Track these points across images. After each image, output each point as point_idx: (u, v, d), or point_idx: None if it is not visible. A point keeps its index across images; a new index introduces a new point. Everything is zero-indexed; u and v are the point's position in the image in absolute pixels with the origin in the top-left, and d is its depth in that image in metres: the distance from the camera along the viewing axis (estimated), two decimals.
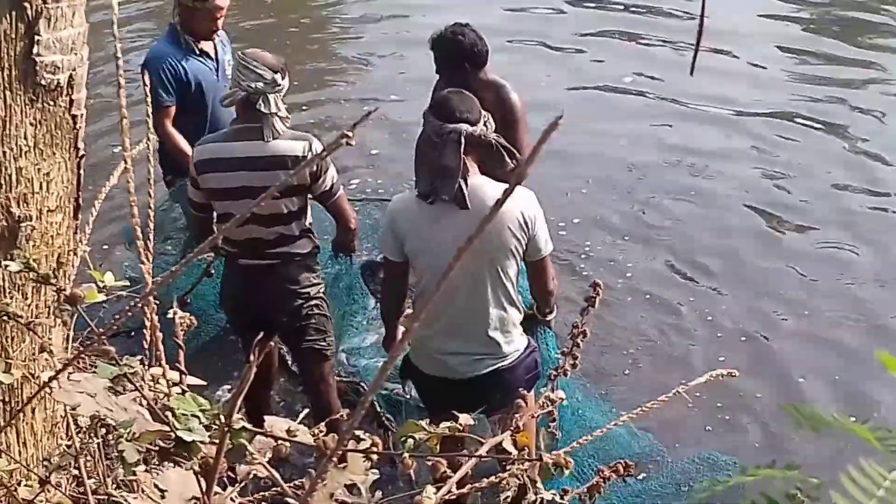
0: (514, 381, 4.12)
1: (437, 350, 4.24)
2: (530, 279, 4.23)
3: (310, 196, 4.56)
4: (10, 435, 2.29)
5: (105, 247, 6.69)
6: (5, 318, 2.14)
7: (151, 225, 2.31)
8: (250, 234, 4.47)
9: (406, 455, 1.52)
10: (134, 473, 1.64)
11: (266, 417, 1.58)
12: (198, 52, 5.67)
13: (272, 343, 4.56)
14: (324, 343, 4.80)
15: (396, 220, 4.19)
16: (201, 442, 1.52)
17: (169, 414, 1.52)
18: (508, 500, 1.93)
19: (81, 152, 2.39)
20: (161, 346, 1.93)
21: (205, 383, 1.83)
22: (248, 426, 1.46)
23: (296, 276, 4.63)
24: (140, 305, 1.79)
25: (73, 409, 1.58)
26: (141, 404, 1.66)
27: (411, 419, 1.61)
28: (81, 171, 2.41)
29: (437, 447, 1.75)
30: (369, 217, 6.47)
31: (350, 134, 1.37)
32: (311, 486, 1.37)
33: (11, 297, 2.27)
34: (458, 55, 5.06)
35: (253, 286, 4.64)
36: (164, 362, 1.74)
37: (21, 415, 2.27)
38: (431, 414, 4.63)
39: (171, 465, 1.71)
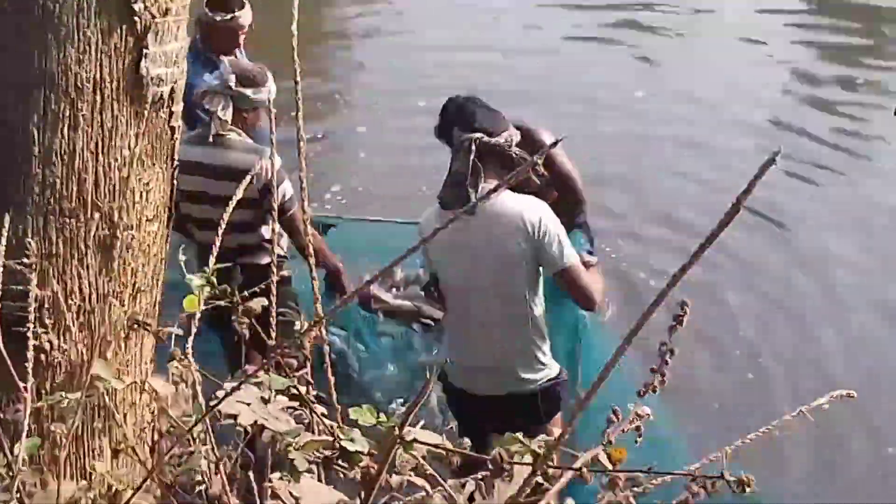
0: (532, 408, 4.17)
1: (461, 364, 4.33)
2: (566, 292, 4.24)
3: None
4: (103, 439, 2.33)
5: None
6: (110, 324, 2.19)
7: None
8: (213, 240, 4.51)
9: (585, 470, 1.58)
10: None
11: (409, 428, 1.64)
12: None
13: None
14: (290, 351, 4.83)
15: (421, 233, 4.25)
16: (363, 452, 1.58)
17: (333, 424, 1.58)
18: None
19: (176, 163, 2.43)
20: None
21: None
22: (419, 439, 1.52)
23: (254, 285, 4.62)
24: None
25: (234, 417, 1.63)
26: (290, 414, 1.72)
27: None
28: (175, 182, 2.46)
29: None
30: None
31: (539, 161, 1.45)
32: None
33: (110, 304, 2.30)
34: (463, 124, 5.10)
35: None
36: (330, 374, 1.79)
37: (114, 419, 2.31)
38: (458, 424, 4.72)
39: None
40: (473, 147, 4.02)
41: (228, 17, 5.61)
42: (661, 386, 2.17)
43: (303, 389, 1.83)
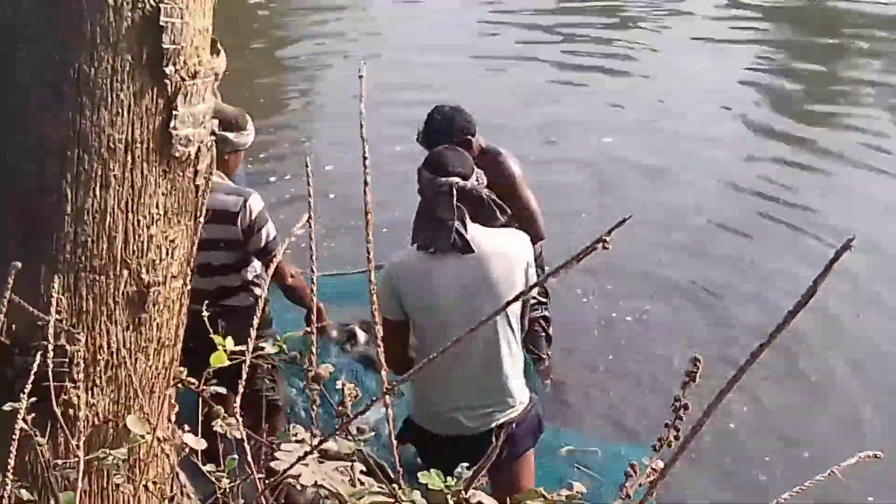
0: (520, 434, 4.24)
1: (447, 408, 4.29)
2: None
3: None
4: (127, 488, 2.36)
5: None
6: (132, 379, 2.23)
7: None
8: (194, 284, 4.52)
9: None
10: None
11: (474, 491, 1.71)
12: None
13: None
14: (272, 393, 4.84)
15: (396, 277, 4.25)
16: None
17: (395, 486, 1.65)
18: None
19: (200, 220, 2.48)
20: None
21: None
22: (484, 501, 1.59)
23: (236, 328, 4.64)
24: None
25: (295, 477, 1.69)
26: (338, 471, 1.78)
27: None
28: (196, 238, 2.50)
29: None
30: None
31: (607, 239, 1.53)
32: None
33: (136, 359, 2.34)
34: (454, 134, 5.18)
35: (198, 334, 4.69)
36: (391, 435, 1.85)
37: (139, 471, 2.34)
38: (426, 465, 4.71)
39: None
40: (454, 192, 4.11)
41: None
42: (676, 441, 2.26)
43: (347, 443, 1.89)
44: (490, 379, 4.26)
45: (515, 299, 1.63)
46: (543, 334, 6.03)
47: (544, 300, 6.02)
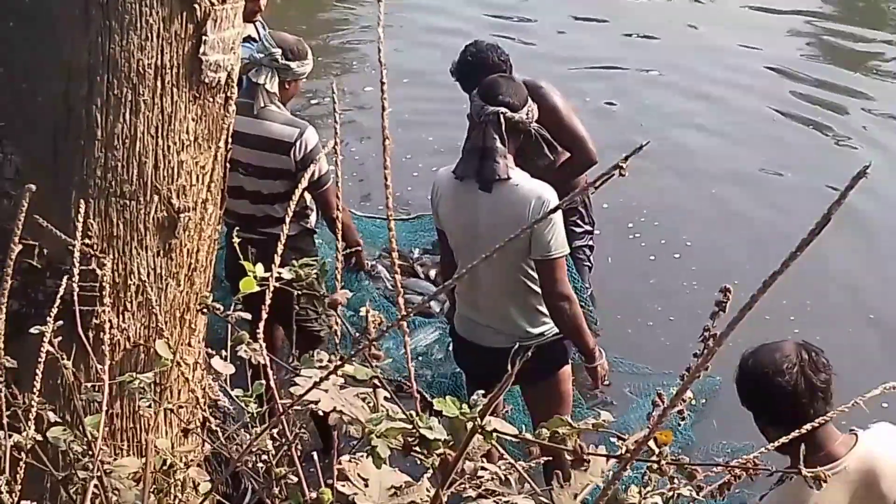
0: (534, 361, 4.25)
1: (468, 318, 4.43)
2: (540, 281, 4.24)
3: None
4: (158, 416, 2.39)
5: None
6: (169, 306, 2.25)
7: None
8: (243, 210, 4.59)
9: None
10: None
11: (490, 419, 1.70)
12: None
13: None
14: (314, 324, 4.87)
15: (433, 191, 4.35)
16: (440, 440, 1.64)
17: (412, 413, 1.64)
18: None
19: (229, 146, 2.48)
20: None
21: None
22: (499, 429, 1.58)
23: (282, 255, 4.65)
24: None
25: (315, 403, 1.68)
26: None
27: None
28: (227, 165, 2.50)
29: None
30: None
31: (623, 165, 1.50)
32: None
33: (167, 285, 2.36)
34: (485, 72, 5.08)
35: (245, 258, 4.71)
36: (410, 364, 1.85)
37: (168, 395, 2.36)
38: (465, 375, 4.80)
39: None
40: (502, 120, 4.07)
41: None
42: (706, 371, 2.23)
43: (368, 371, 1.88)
44: (497, 310, 4.32)
45: (498, 248, 1.61)
46: (587, 263, 6.00)
47: (590, 230, 5.98)
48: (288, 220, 2.22)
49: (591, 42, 11.07)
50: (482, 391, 1.63)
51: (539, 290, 4.25)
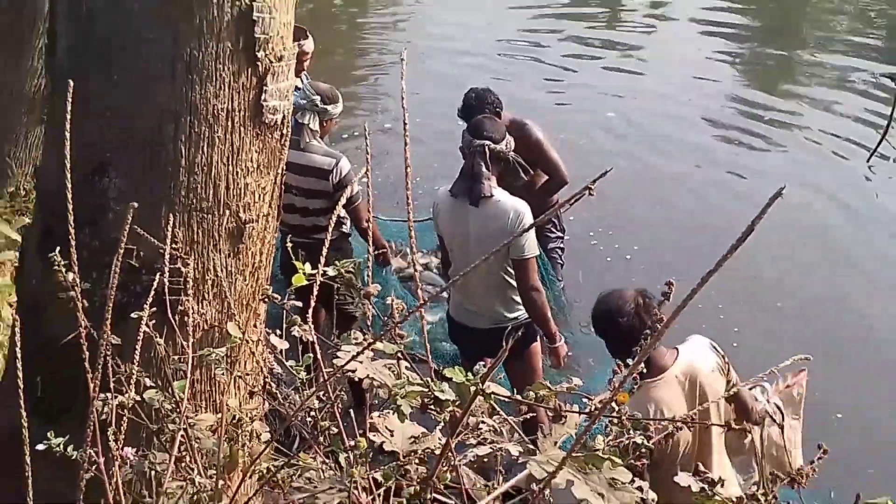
0: (509, 338, 4.28)
1: (460, 304, 4.51)
2: (516, 276, 4.27)
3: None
4: (225, 379, 2.39)
5: None
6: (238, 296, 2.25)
7: None
8: (295, 221, 4.61)
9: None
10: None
11: (489, 383, 1.70)
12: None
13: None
14: (350, 307, 4.88)
15: (434, 206, 4.45)
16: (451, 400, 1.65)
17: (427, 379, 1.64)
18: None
19: (283, 171, 2.48)
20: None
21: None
22: (497, 392, 1.59)
23: (326, 256, 4.63)
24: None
25: (353, 371, 1.69)
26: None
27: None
28: (281, 186, 2.50)
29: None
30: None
31: (592, 187, 1.51)
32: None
33: (236, 279, 2.36)
34: (480, 110, 5.09)
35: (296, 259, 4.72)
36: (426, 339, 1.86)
37: (237, 365, 2.37)
38: (459, 350, 4.83)
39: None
40: (487, 151, 4.12)
41: (295, 45, 5.61)
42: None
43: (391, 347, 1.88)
44: (482, 298, 4.37)
45: (488, 257, 1.62)
46: (560, 262, 5.99)
47: (561, 236, 5.97)
48: (329, 229, 2.23)
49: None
50: (483, 362, 1.65)
51: (515, 283, 4.29)
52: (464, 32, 12.45)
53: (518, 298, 4.35)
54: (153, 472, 1.99)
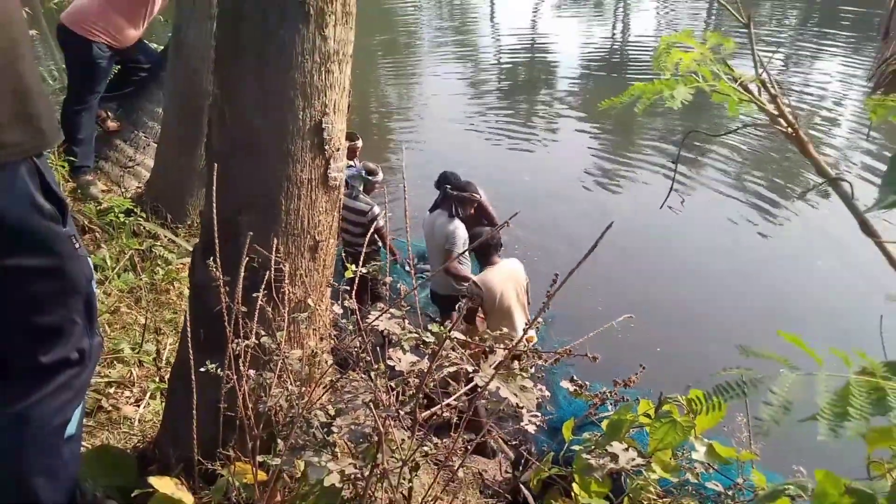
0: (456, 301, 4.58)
1: (436, 280, 4.70)
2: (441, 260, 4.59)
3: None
4: (307, 332, 2.42)
5: None
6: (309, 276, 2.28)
7: None
8: (347, 239, 4.83)
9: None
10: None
11: (454, 332, 1.74)
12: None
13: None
14: (379, 289, 4.90)
15: (423, 221, 4.88)
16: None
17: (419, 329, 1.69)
18: None
19: (340, 211, 2.52)
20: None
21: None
22: (457, 336, 1.64)
23: (364, 260, 4.63)
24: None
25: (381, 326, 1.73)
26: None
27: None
28: (339, 219, 2.54)
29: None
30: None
31: (509, 222, 1.57)
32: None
33: (313, 274, 2.39)
34: (447, 182, 5.05)
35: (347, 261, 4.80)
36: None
37: (313, 322, 2.40)
38: (437, 310, 5.01)
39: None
40: (448, 192, 4.49)
41: (349, 143, 5.66)
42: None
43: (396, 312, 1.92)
44: (443, 277, 4.53)
45: (448, 255, 1.68)
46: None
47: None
48: (365, 244, 2.27)
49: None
50: (450, 321, 1.71)
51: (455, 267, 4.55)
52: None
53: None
54: (265, 385, 2.03)
